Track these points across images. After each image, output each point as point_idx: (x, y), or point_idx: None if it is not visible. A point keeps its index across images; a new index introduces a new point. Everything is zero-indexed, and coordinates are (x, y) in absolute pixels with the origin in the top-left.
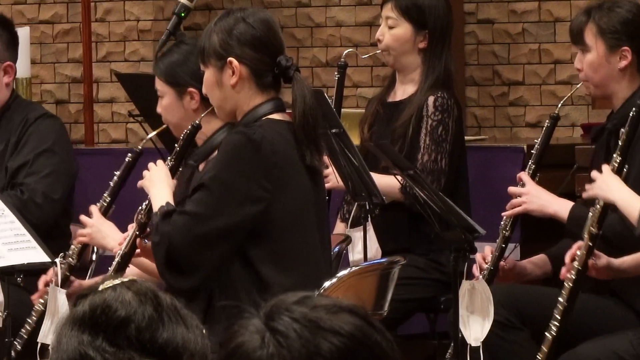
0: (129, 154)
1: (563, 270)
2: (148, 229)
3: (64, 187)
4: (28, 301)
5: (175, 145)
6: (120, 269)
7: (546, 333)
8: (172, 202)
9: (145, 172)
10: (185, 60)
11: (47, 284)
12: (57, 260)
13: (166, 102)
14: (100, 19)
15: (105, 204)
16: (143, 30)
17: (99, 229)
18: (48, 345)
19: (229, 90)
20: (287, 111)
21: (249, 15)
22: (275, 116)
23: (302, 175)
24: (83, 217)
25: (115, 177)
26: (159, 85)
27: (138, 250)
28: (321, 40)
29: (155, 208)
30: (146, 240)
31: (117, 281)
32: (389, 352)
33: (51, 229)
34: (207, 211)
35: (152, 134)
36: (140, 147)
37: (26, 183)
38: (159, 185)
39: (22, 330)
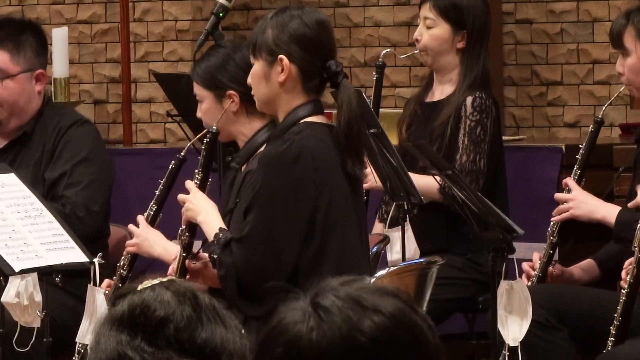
0: (173, 162)
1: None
2: (194, 250)
3: (103, 197)
4: (66, 301)
5: (199, 157)
6: None
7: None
8: (223, 225)
9: (185, 206)
10: (223, 64)
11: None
12: (95, 260)
13: (206, 106)
14: (138, 19)
15: (152, 213)
16: (181, 30)
17: (147, 238)
18: (86, 345)
19: (275, 86)
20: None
21: (305, 15)
22: (314, 118)
23: (342, 179)
24: (131, 227)
25: (160, 186)
26: (198, 89)
27: (188, 276)
28: (359, 40)
29: (210, 236)
30: (194, 261)
31: (155, 281)
32: (429, 337)
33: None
34: (261, 233)
35: (194, 139)
36: (183, 154)
37: (66, 196)
38: (203, 211)
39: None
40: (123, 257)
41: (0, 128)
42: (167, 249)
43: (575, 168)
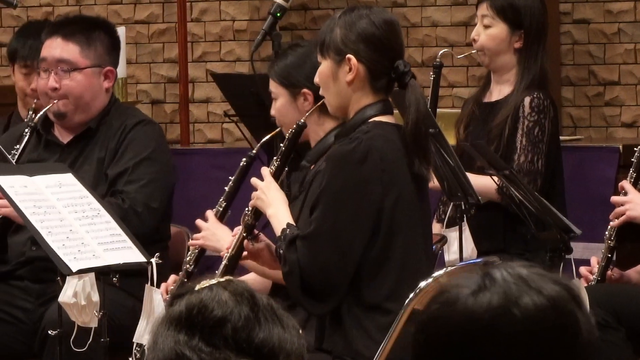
0: (244, 159)
1: None
2: (255, 231)
3: (162, 196)
4: (124, 301)
5: (281, 144)
6: (228, 272)
7: None
8: (291, 220)
9: (256, 194)
10: (300, 63)
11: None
12: (153, 260)
13: (280, 103)
14: (195, 19)
15: (221, 209)
16: (239, 30)
17: (214, 233)
18: (144, 345)
19: (343, 85)
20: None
21: (374, 14)
22: (383, 118)
23: (408, 180)
24: (199, 222)
25: (230, 182)
26: (273, 87)
27: (245, 253)
28: (417, 40)
29: (277, 231)
30: (253, 243)
31: (213, 281)
32: (584, 331)
33: (151, 233)
34: (327, 231)
35: (265, 138)
36: (254, 152)
37: (126, 191)
38: (274, 204)
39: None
40: (189, 252)
41: (64, 121)
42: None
43: (631, 171)
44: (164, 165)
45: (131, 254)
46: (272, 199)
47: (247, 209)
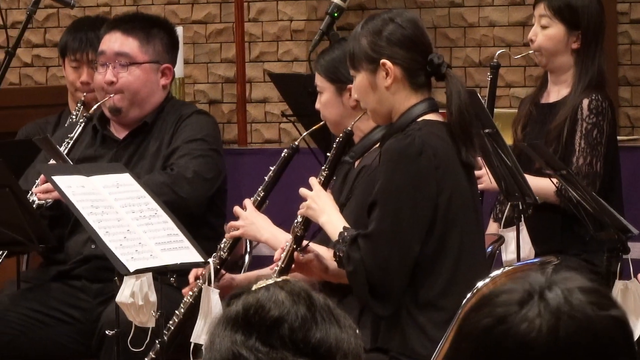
0: (286, 150)
1: None
2: (304, 242)
3: (214, 171)
4: (181, 301)
5: (328, 154)
6: None
7: None
8: (346, 224)
9: (306, 204)
10: (347, 58)
11: (197, 278)
12: (210, 260)
13: (325, 98)
14: (253, 19)
15: (259, 199)
16: (296, 30)
17: (253, 222)
18: (201, 345)
19: (383, 92)
20: (440, 111)
21: (395, 16)
22: (430, 116)
23: (460, 173)
24: (237, 209)
25: (270, 172)
26: (319, 81)
27: (293, 266)
28: (474, 40)
29: (334, 236)
30: (302, 254)
31: (270, 281)
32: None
33: (205, 229)
34: (388, 229)
35: (309, 131)
36: (297, 143)
37: (177, 163)
38: (327, 211)
39: (169, 322)
40: (225, 240)
41: (120, 117)
42: (275, 234)
43: None
44: (216, 148)
45: (188, 254)
46: (323, 206)
47: (296, 220)
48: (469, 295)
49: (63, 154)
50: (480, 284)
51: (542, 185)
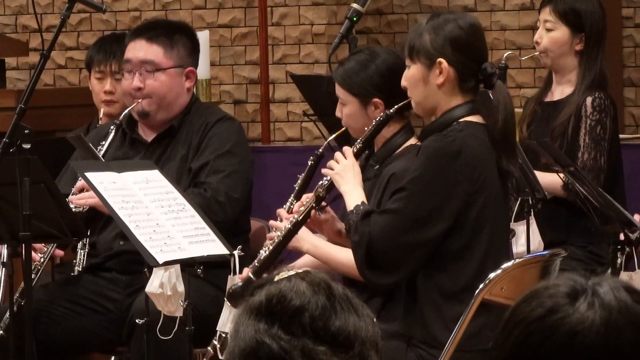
0: (311, 157)
1: None
2: (324, 203)
3: (243, 187)
4: (207, 291)
5: (365, 128)
6: (289, 236)
7: None
8: (366, 202)
9: (333, 164)
10: (359, 70)
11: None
12: (235, 252)
13: (349, 110)
14: (276, 23)
15: (292, 207)
16: (317, 34)
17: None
18: (225, 333)
19: (433, 88)
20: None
21: (460, 19)
22: (472, 118)
23: (497, 178)
24: (273, 223)
25: (299, 180)
26: (341, 93)
27: (308, 221)
28: (487, 43)
29: (350, 206)
30: (320, 213)
31: (291, 272)
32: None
33: (232, 226)
34: (408, 211)
35: (332, 137)
36: (321, 150)
37: (208, 182)
38: (352, 182)
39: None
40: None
41: (148, 120)
42: (316, 244)
43: None
44: (244, 158)
45: (214, 247)
46: (350, 178)
47: (321, 182)
48: (481, 285)
49: (95, 152)
50: (491, 275)
51: (550, 180)
